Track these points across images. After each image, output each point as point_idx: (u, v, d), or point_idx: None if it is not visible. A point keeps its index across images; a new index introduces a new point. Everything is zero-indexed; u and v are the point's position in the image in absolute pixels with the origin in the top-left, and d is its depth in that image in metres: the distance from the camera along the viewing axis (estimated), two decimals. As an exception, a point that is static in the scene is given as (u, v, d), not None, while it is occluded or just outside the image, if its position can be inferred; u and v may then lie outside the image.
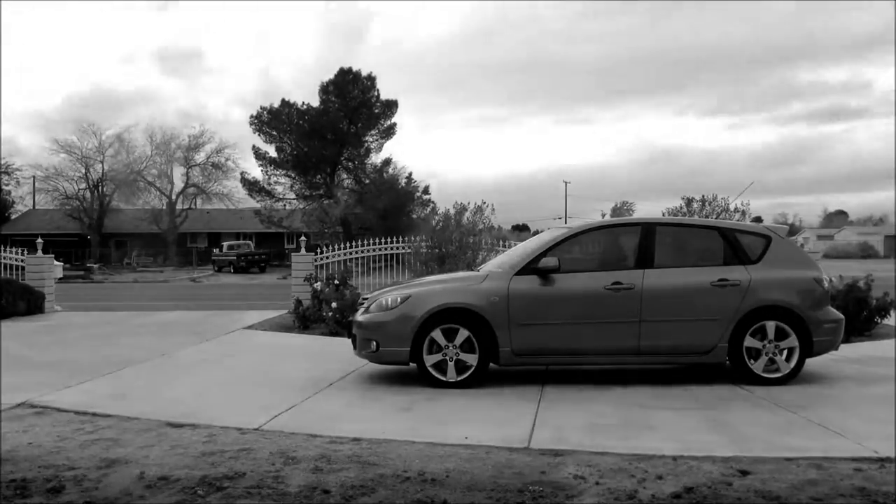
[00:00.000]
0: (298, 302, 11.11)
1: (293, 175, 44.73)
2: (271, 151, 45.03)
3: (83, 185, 51.04)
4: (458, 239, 11.76)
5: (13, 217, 53.67)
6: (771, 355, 6.36)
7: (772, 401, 5.69)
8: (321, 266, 12.79)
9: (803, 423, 4.99)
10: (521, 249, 7.30)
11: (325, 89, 44.56)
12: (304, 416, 5.32)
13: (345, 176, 45.21)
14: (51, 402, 5.75)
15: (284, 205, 45.54)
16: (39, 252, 14.17)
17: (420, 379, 6.40)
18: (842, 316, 6.76)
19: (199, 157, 51.08)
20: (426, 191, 43.53)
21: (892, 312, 9.79)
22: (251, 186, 45.36)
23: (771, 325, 6.36)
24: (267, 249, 44.68)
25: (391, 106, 45.37)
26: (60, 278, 15.78)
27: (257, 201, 46.00)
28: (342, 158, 44.77)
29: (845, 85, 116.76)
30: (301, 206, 43.88)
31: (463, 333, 6.32)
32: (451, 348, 6.33)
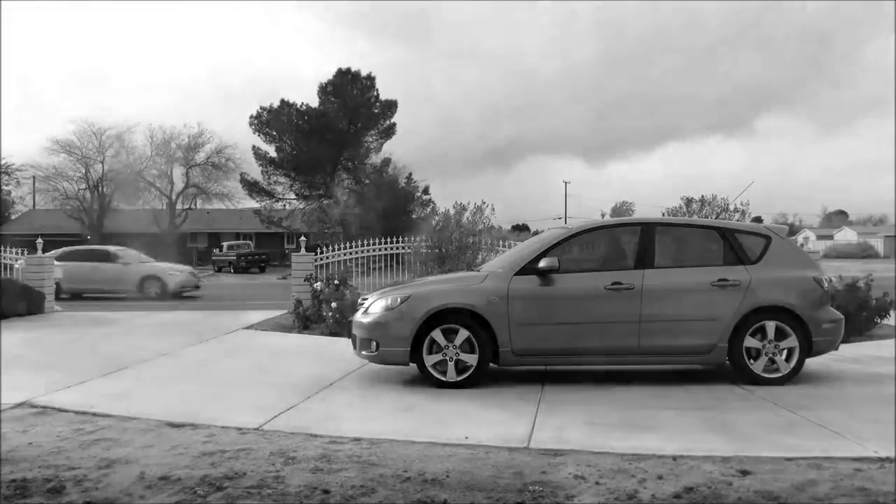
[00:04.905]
0: (298, 302, 11.10)
1: (293, 175, 44.77)
2: (271, 152, 45.14)
3: (83, 185, 50.93)
4: (458, 239, 11.74)
5: (13, 217, 53.61)
6: (771, 355, 6.36)
7: (772, 401, 5.69)
8: (321, 266, 12.77)
9: (803, 423, 4.99)
10: (521, 249, 7.29)
11: (323, 90, 44.64)
12: (304, 416, 5.32)
13: (344, 176, 45.19)
14: (51, 402, 5.75)
15: (284, 205, 45.60)
16: (39, 252, 14.17)
17: (420, 379, 6.40)
18: (842, 316, 6.75)
19: (199, 157, 51.08)
20: (426, 191, 43.59)
21: (892, 312, 9.79)
22: (251, 187, 45.39)
23: (771, 325, 6.36)
24: (267, 249, 44.64)
25: (390, 106, 45.47)
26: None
27: (257, 201, 46.06)
28: (342, 158, 44.78)
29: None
30: (301, 207, 43.89)
31: (463, 333, 6.32)
32: (451, 348, 6.33)
